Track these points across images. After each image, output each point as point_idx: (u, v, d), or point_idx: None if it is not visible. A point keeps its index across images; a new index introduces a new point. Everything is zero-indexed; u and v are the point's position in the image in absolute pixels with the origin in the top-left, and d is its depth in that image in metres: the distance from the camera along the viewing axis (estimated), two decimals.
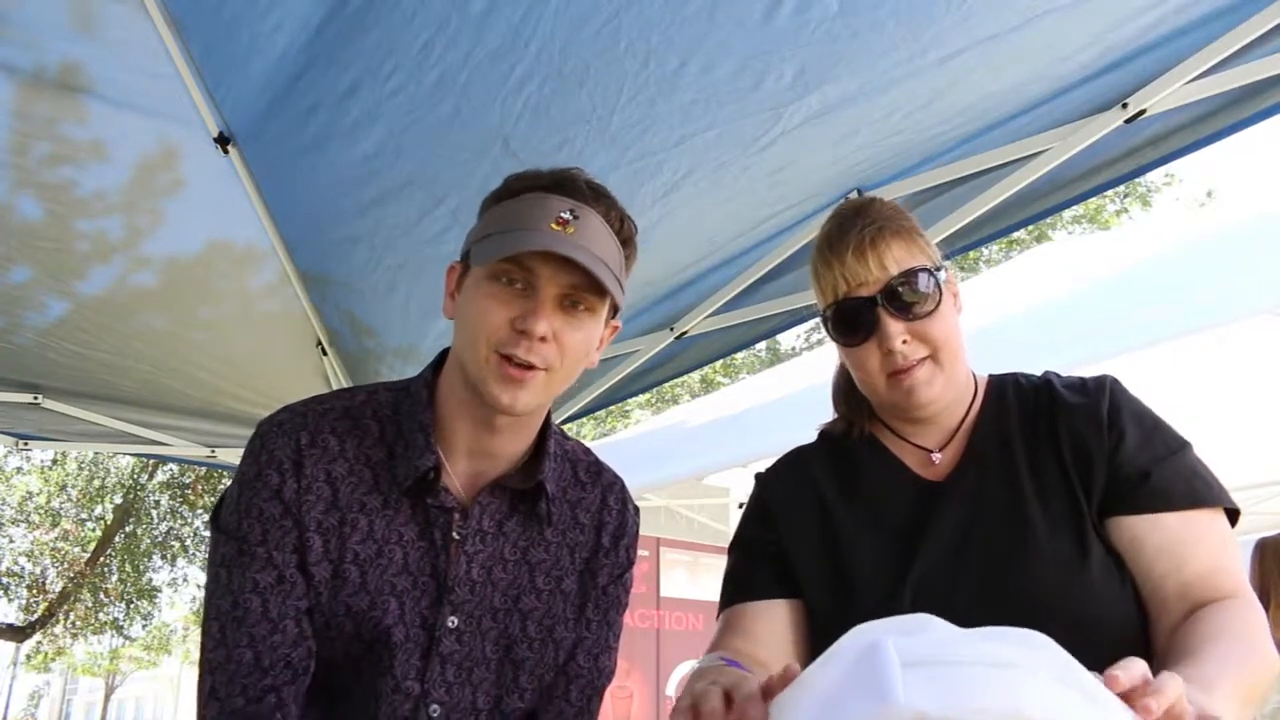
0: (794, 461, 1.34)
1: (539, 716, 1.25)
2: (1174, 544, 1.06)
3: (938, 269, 1.18)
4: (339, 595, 1.12)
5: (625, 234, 1.18)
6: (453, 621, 1.16)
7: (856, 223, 1.17)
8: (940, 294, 1.16)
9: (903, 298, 1.14)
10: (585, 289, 1.11)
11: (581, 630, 1.27)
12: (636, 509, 1.36)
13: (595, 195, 1.16)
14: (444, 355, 1.23)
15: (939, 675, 0.59)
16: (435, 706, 1.15)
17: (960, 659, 0.61)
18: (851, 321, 1.16)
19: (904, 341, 1.14)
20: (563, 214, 1.10)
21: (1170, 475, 1.09)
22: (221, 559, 1.12)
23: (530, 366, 1.10)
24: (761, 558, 1.25)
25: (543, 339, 1.09)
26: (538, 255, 1.08)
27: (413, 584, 1.15)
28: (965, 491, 1.17)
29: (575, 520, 1.28)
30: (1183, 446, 1.13)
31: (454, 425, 1.19)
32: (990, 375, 1.28)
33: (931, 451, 1.22)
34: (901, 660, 0.61)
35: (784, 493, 1.29)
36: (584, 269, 1.07)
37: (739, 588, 1.25)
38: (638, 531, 1.35)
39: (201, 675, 1.10)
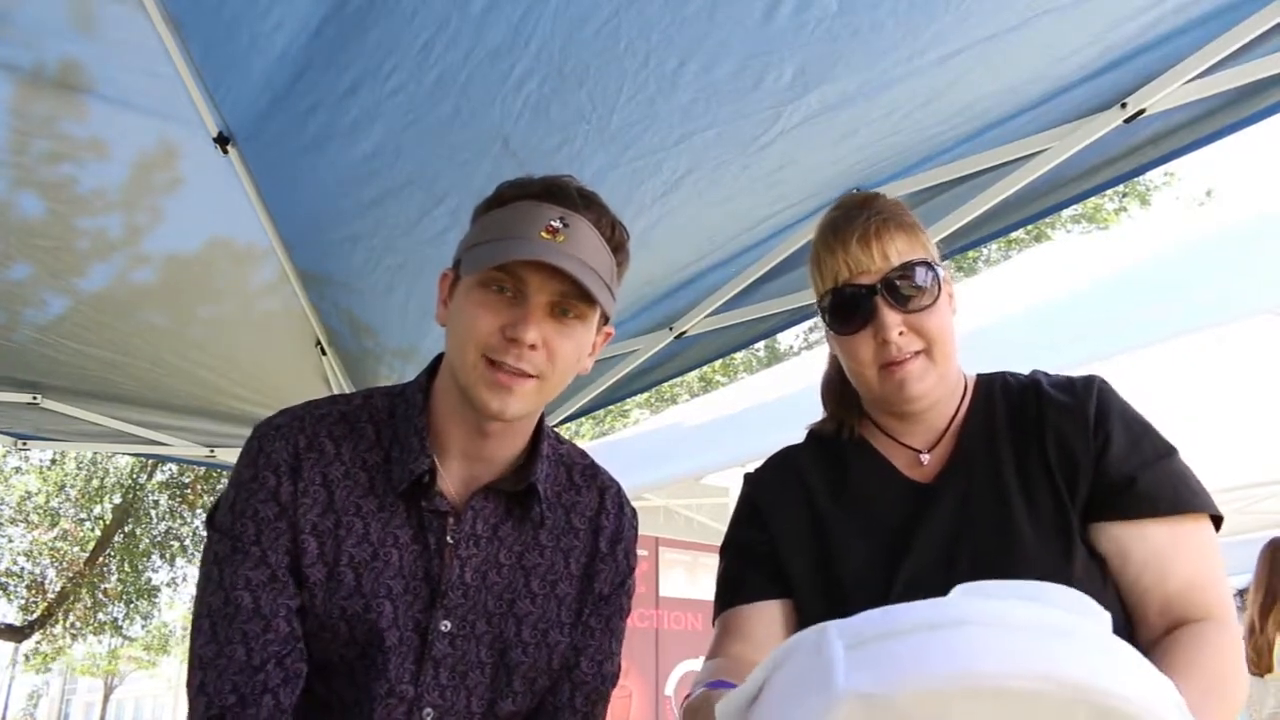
0: (783, 461, 1.33)
1: None
2: (1159, 556, 1.06)
3: (937, 265, 1.18)
4: (333, 598, 1.12)
5: (617, 241, 1.18)
6: (446, 625, 1.16)
7: (862, 213, 1.18)
8: (939, 290, 1.16)
9: (902, 290, 1.14)
10: (575, 297, 1.11)
11: (581, 636, 1.27)
12: (634, 512, 1.36)
13: (586, 203, 1.16)
14: (439, 360, 1.24)
15: (880, 652, 0.57)
16: (429, 710, 1.15)
17: (904, 628, 0.58)
18: (849, 309, 1.17)
19: (900, 333, 1.14)
20: (553, 222, 1.11)
21: (1156, 481, 1.09)
22: (214, 557, 1.13)
23: (521, 374, 1.10)
24: (754, 559, 1.25)
25: (532, 346, 1.09)
26: (528, 264, 1.09)
27: (405, 587, 1.15)
28: (954, 493, 1.17)
29: (570, 524, 1.27)
30: (1170, 452, 1.13)
31: (448, 430, 1.19)
32: (978, 374, 1.28)
33: (920, 452, 1.22)
34: (847, 643, 0.59)
35: (774, 493, 1.29)
36: (573, 278, 1.08)
37: (733, 591, 1.25)
38: (636, 535, 1.35)
39: (191, 670, 1.10)
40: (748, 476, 1.35)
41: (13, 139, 2.07)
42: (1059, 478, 1.12)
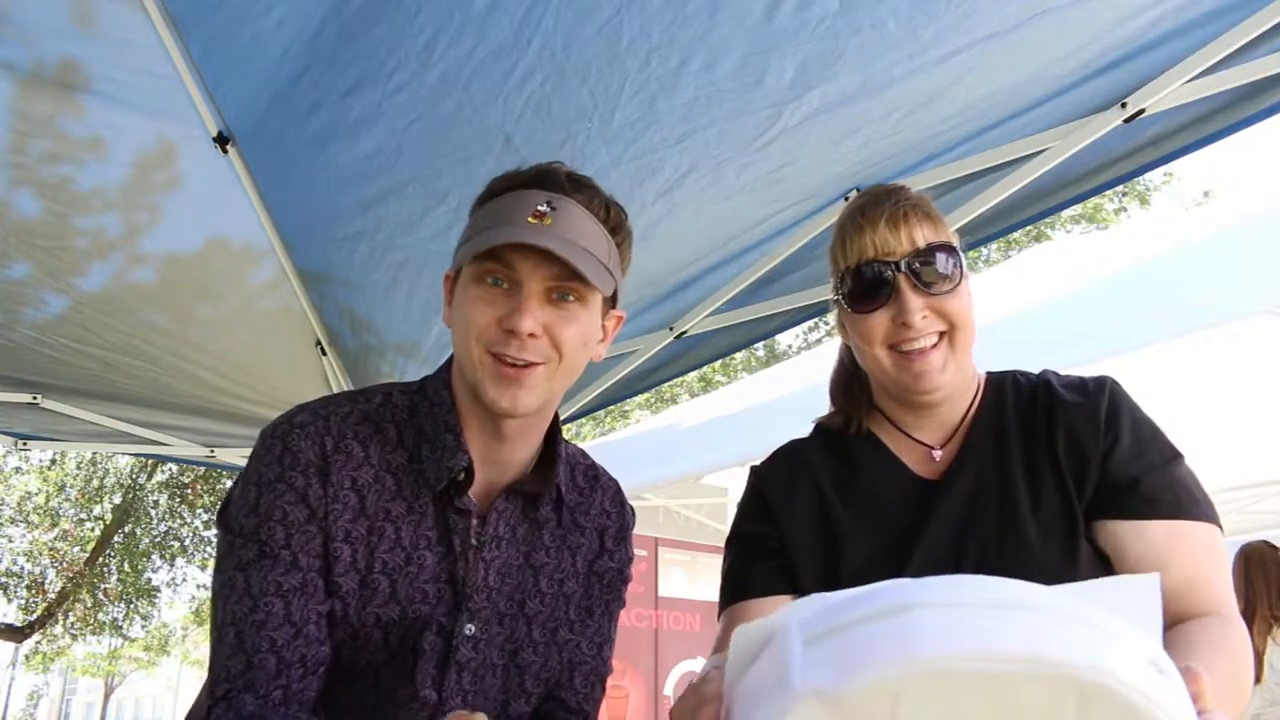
0: (790, 455, 1.33)
1: (545, 706, 1.25)
2: (1155, 553, 1.06)
3: (960, 252, 1.19)
4: (368, 606, 1.09)
5: (613, 221, 1.16)
6: (470, 629, 1.14)
7: (890, 198, 1.18)
8: (961, 275, 1.16)
9: (926, 272, 1.14)
10: (569, 279, 1.09)
11: (588, 635, 1.27)
12: (633, 509, 1.37)
13: (576, 186, 1.14)
14: (452, 358, 1.23)
15: (833, 646, 0.56)
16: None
17: (855, 618, 0.57)
18: (871, 286, 1.16)
19: (923, 316, 1.13)
20: (540, 207, 1.09)
21: (1159, 484, 1.09)
22: (238, 563, 1.07)
23: (527, 364, 1.09)
24: (761, 553, 1.24)
25: (532, 335, 1.08)
26: (516, 250, 1.07)
27: (435, 591, 1.13)
28: (961, 490, 1.17)
29: (575, 523, 1.28)
30: (1176, 457, 1.13)
31: (466, 431, 1.17)
32: (988, 373, 1.28)
33: (933, 448, 1.21)
34: (805, 637, 0.58)
35: (781, 487, 1.28)
36: (562, 259, 1.05)
37: (739, 585, 1.24)
38: (634, 527, 1.36)
39: (216, 682, 1.04)
40: (754, 469, 1.34)
41: (12, 138, 2.07)
42: (1068, 475, 1.12)
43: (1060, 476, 1.13)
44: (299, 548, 1.07)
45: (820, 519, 1.23)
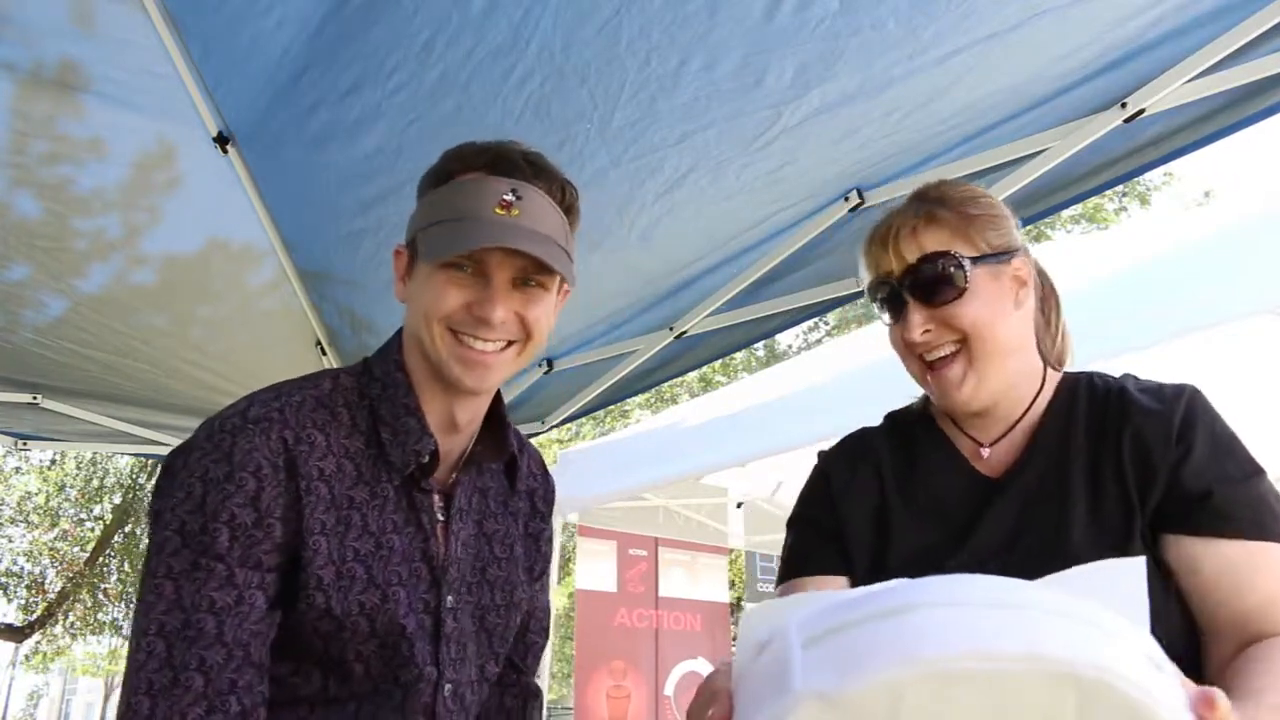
0: (858, 442, 1.32)
1: (506, 685, 1.36)
2: (1233, 571, 1.00)
3: (982, 257, 1.13)
4: (349, 595, 1.09)
5: (568, 203, 1.18)
6: (450, 601, 1.18)
7: (912, 206, 1.18)
8: (967, 280, 1.12)
9: (920, 287, 1.13)
10: (536, 270, 1.11)
11: (534, 595, 1.36)
12: (552, 476, 1.44)
13: (536, 171, 1.14)
14: (398, 337, 1.23)
15: (833, 647, 0.56)
16: (448, 686, 1.16)
17: (856, 618, 0.57)
18: (883, 303, 1.19)
19: (925, 330, 1.13)
20: (505, 196, 1.09)
21: (1235, 499, 1.03)
22: (168, 570, 1.00)
23: (500, 346, 1.12)
24: (822, 535, 1.24)
25: (502, 321, 1.11)
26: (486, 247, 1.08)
27: (411, 571, 1.15)
28: (1019, 491, 1.14)
29: (514, 488, 1.33)
30: (1257, 472, 1.06)
31: (423, 407, 1.18)
32: (1065, 372, 1.24)
33: (983, 445, 1.19)
34: (805, 639, 0.58)
35: (844, 473, 1.27)
36: (534, 256, 1.07)
37: (797, 562, 1.25)
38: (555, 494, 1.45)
39: (135, 695, 0.97)
40: (822, 454, 1.33)
41: (12, 139, 2.07)
42: (1131, 483, 1.07)
43: (1123, 484, 1.08)
44: (238, 558, 1.02)
45: (877, 507, 1.22)
